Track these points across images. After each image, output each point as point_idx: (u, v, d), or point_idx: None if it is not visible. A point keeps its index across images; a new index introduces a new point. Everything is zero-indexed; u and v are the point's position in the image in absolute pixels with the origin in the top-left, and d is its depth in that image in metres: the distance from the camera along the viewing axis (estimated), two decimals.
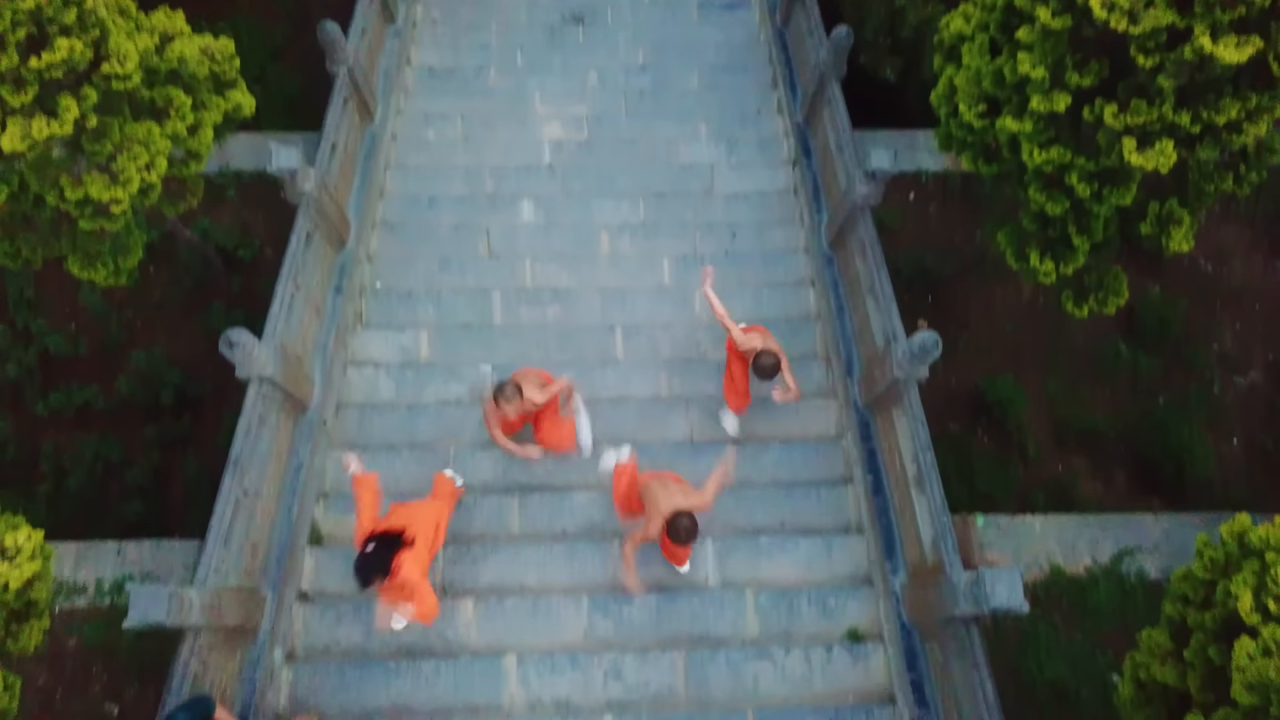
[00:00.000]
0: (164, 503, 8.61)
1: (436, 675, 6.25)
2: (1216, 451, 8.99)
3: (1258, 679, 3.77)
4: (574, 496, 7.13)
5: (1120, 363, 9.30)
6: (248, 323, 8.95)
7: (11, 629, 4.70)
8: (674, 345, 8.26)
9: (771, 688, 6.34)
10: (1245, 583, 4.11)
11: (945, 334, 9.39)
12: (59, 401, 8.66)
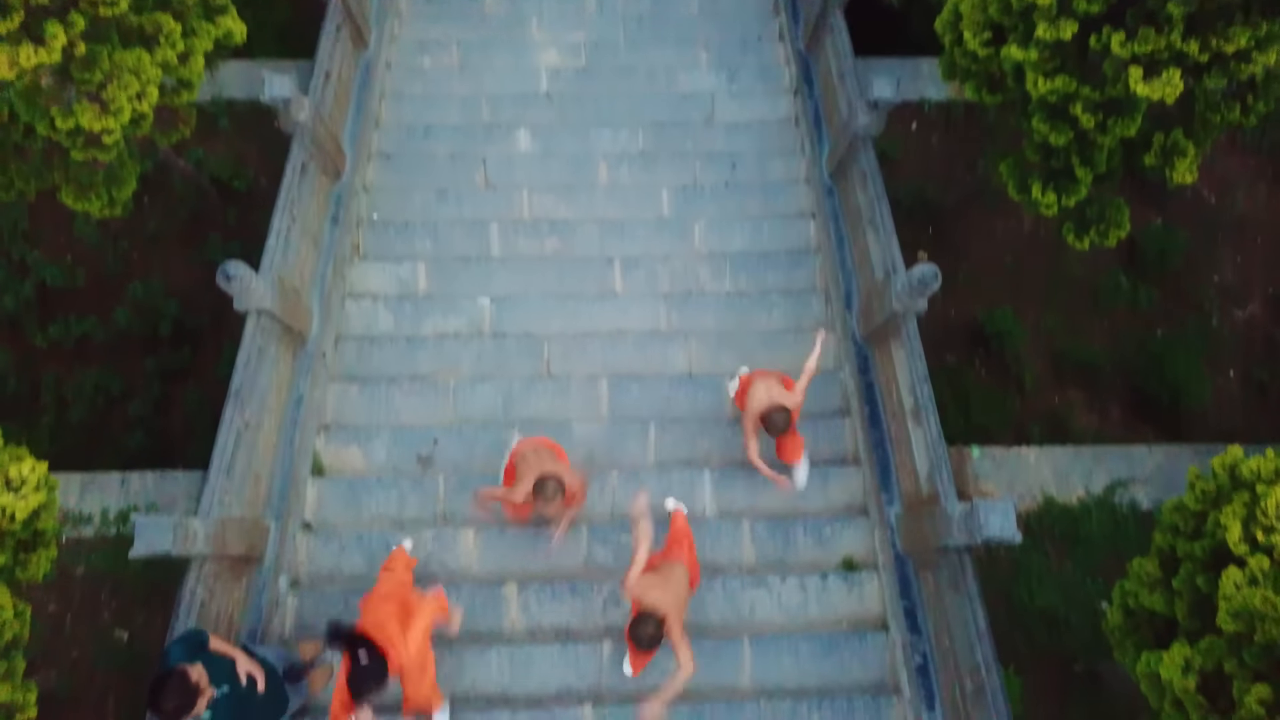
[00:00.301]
0: (165, 434, 8.66)
1: None
2: (1213, 384, 9.03)
3: (1243, 607, 3.85)
4: (573, 430, 7.17)
5: (1119, 295, 9.28)
6: (245, 254, 8.91)
7: (20, 558, 4.78)
8: (673, 278, 8.22)
9: (767, 615, 6.47)
10: (1235, 514, 4.17)
11: (945, 266, 9.35)
12: (58, 333, 8.65)
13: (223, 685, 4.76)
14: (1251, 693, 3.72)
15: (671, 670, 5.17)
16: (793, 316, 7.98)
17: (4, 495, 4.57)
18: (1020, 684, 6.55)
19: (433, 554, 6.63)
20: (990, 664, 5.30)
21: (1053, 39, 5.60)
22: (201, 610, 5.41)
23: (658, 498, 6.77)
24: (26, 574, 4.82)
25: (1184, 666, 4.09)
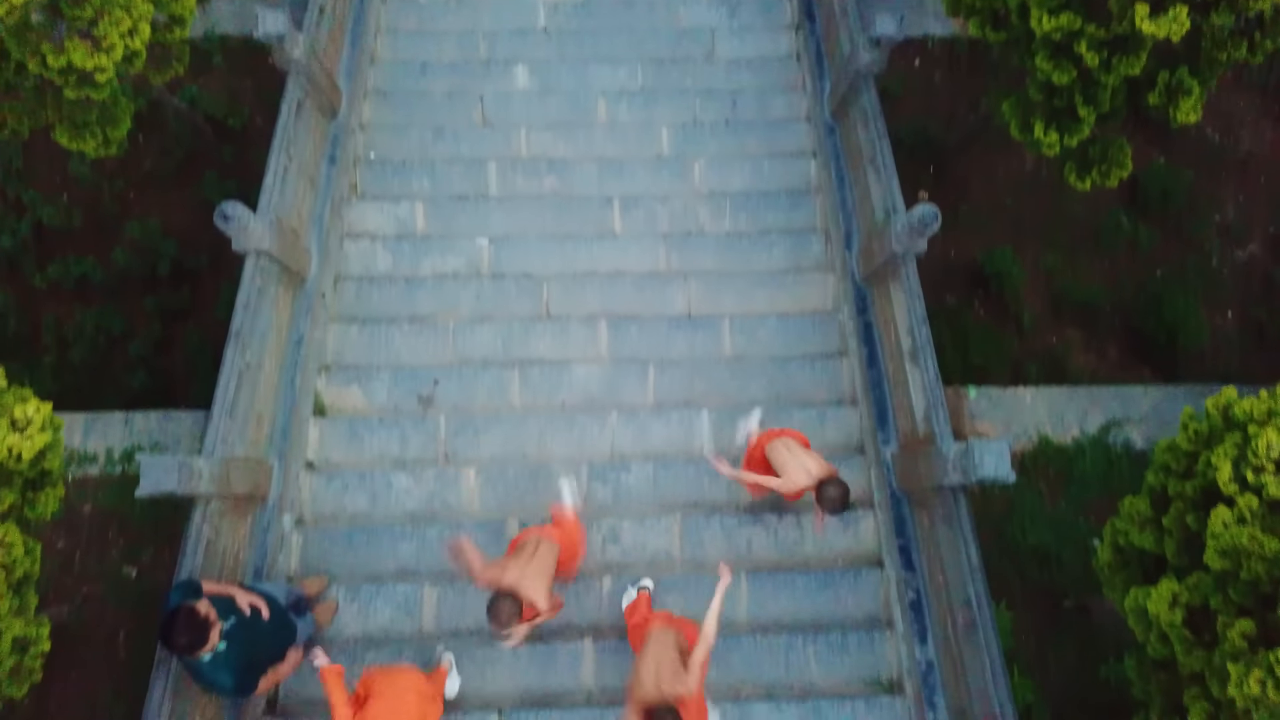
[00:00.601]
0: (167, 373, 8.70)
1: (441, 540, 6.46)
2: (1211, 324, 9.04)
3: (1230, 545, 3.92)
4: (573, 370, 7.21)
5: (1120, 235, 9.25)
6: (241, 193, 8.87)
7: (28, 497, 4.84)
8: (672, 218, 8.20)
9: (764, 551, 6.59)
10: (1226, 454, 4.22)
11: (946, 205, 9.32)
12: (56, 273, 8.64)
13: (229, 617, 4.87)
14: (1235, 627, 3.82)
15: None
16: (792, 257, 7.97)
17: (10, 435, 4.61)
18: (1011, 618, 6.68)
19: (435, 493, 6.73)
20: (982, 600, 5.41)
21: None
22: (208, 548, 5.50)
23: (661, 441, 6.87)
24: (35, 512, 4.89)
25: (1171, 601, 4.18)
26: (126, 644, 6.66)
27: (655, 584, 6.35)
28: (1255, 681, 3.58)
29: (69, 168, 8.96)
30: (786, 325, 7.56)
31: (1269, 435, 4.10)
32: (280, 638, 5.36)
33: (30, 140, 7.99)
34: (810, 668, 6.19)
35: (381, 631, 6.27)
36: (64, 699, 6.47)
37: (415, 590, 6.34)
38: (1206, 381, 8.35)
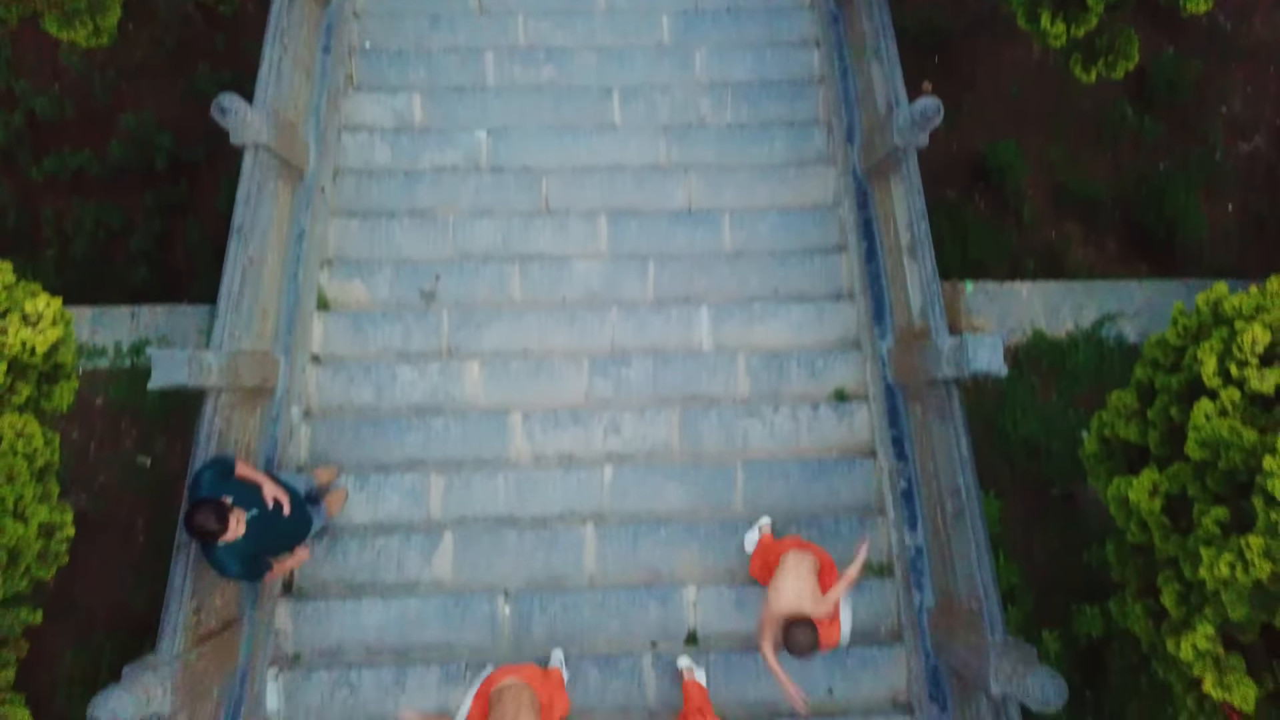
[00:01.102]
0: (169, 267, 8.73)
1: (446, 431, 6.65)
2: (1210, 218, 9.02)
3: (1210, 436, 4.06)
4: (573, 266, 7.26)
5: (1124, 127, 9.15)
6: (235, 84, 8.74)
7: (44, 390, 4.97)
8: (673, 110, 8.11)
9: (760, 443, 6.77)
10: (1212, 349, 4.33)
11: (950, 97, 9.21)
12: (53, 166, 8.58)
13: (252, 509, 5.07)
14: (1210, 514, 3.99)
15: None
16: (794, 150, 7.92)
17: (23, 330, 4.71)
18: (999, 506, 6.91)
19: (438, 386, 6.87)
20: (971, 489, 5.59)
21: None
22: (220, 440, 5.66)
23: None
24: (51, 404, 5.02)
25: (1151, 490, 4.35)
26: (145, 529, 6.90)
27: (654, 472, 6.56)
28: (1225, 564, 3.76)
29: (59, 58, 8.80)
30: (787, 220, 7.57)
31: (1254, 330, 4.20)
32: (294, 533, 5.58)
33: (18, 30, 7.82)
34: None
35: (390, 519, 6.51)
36: (88, 582, 6.75)
37: (422, 479, 6.54)
38: (1203, 276, 8.42)
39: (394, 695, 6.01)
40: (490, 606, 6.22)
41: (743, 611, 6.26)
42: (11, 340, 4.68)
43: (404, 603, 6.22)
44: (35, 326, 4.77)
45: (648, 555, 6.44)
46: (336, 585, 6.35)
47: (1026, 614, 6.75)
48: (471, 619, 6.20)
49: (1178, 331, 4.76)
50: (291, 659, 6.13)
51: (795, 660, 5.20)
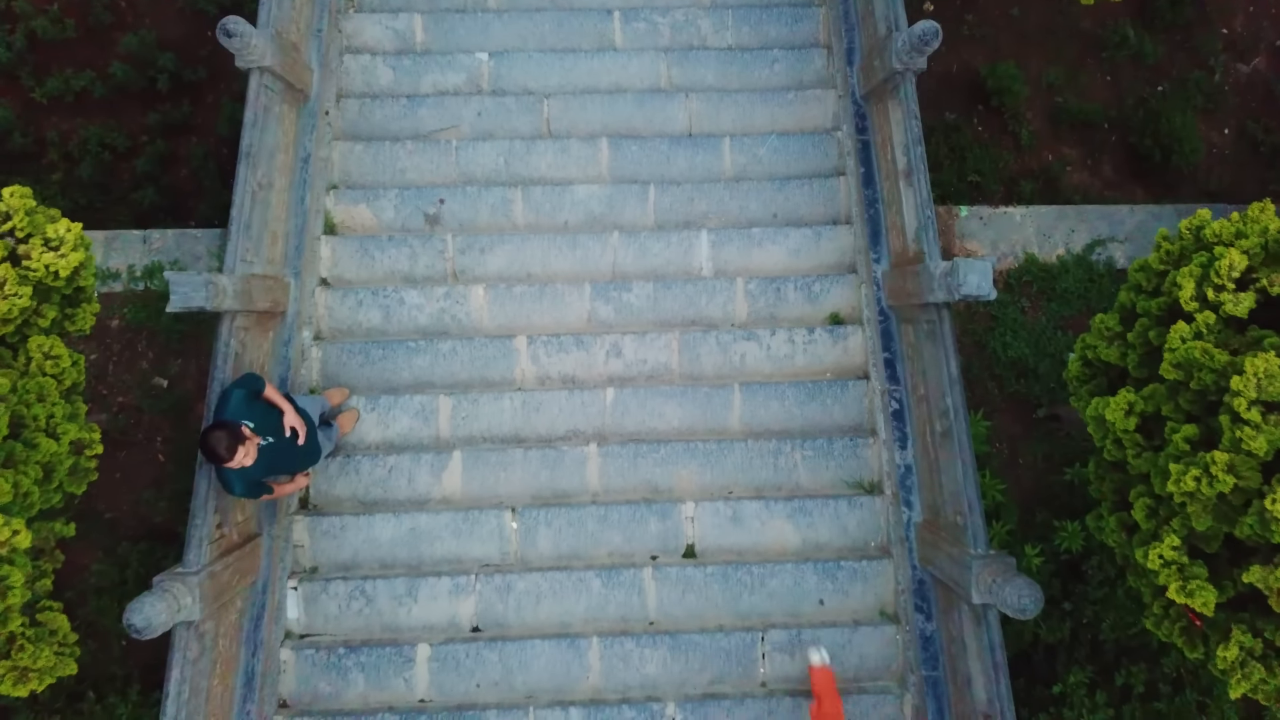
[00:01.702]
0: (174, 189, 8.79)
1: (454, 354, 6.86)
2: (1208, 141, 9.10)
3: (1184, 358, 4.26)
4: (575, 190, 7.36)
5: (1125, 48, 9.13)
6: (235, 4, 8.74)
7: (67, 312, 5.15)
8: (674, 31, 8.11)
9: (757, 365, 6.98)
10: (1191, 273, 4.50)
11: (950, 16, 9.22)
12: (56, 87, 8.58)
13: (269, 437, 5.30)
14: (1180, 432, 4.21)
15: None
16: (794, 73, 7.95)
17: (46, 254, 4.87)
18: (987, 427, 7.16)
19: (445, 309, 7.04)
20: (959, 408, 5.82)
21: None
22: (236, 361, 5.86)
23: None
24: (74, 327, 5.21)
25: (1127, 410, 4.57)
26: (164, 448, 7.16)
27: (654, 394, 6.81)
28: (1191, 479, 4.00)
29: None
30: (786, 144, 7.64)
31: (1232, 255, 4.37)
32: (303, 462, 5.82)
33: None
34: (797, 471, 6.72)
35: (401, 438, 6.76)
36: (111, 497, 7.03)
37: (430, 400, 6.77)
38: (1197, 200, 8.54)
39: (406, 605, 6.35)
40: (498, 521, 6.51)
41: (738, 527, 6.57)
42: (36, 264, 4.85)
43: (415, 518, 6.51)
44: (57, 251, 4.93)
45: (647, 473, 6.70)
46: (350, 502, 6.63)
47: (1010, 530, 7.05)
48: (480, 533, 6.50)
49: (1160, 257, 4.92)
50: (309, 571, 6.45)
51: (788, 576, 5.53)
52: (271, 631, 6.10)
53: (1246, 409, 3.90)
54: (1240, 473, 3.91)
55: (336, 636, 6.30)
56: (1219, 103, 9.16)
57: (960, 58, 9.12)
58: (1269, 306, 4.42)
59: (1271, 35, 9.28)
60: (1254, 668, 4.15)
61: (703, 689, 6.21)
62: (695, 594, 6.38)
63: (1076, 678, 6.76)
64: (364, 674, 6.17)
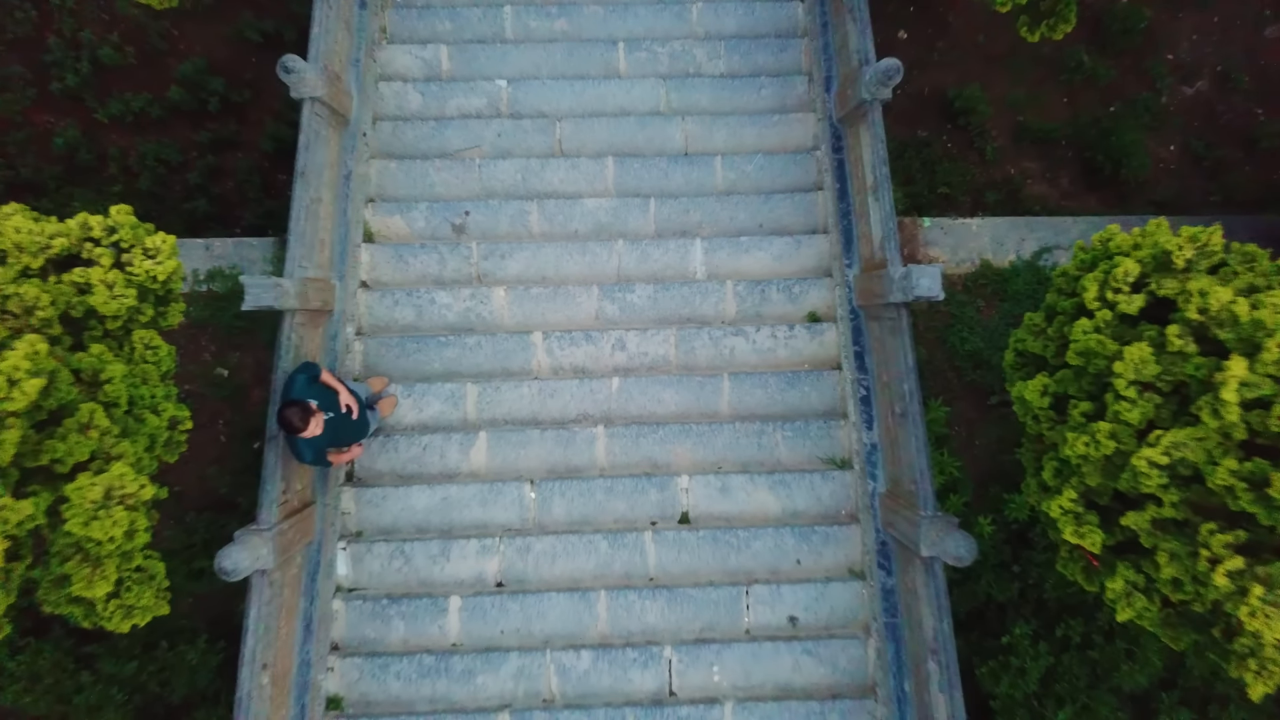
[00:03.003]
0: (222, 199, 9.79)
1: (479, 347, 7.85)
2: (1155, 156, 10.07)
3: (1085, 348, 5.24)
4: (584, 203, 8.34)
5: (1080, 71, 10.10)
6: (275, 31, 9.74)
7: (161, 311, 6.12)
8: (672, 59, 9.08)
9: (744, 357, 7.97)
10: (1095, 278, 5.48)
11: (923, 42, 10.20)
12: (117, 109, 9.57)
13: (330, 412, 6.29)
14: (1078, 407, 5.19)
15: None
16: (779, 98, 8.93)
17: (146, 262, 5.84)
18: (946, 412, 8.15)
19: (470, 308, 8.02)
20: (914, 394, 6.80)
21: None
22: (295, 353, 6.84)
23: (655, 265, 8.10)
24: (165, 322, 6.18)
25: (1042, 391, 5.55)
26: (224, 429, 8.15)
27: (654, 382, 7.77)
28: (1083, 444, 4.98)
29: (117, 7, 9.72)
30: (771, 161, 8.62)
31: (1127, 264, 5.34)
32: (357, 433, 6.80)
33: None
34: (779, 449, 7.70)
35: (433, 420, 7.75)
36: (179, 473, 8.01)
37: (459, 387, 7.76)
38: (1144, 211, 9.51)
39: (439, 563, 7.34)
40: (518, 492, 7.50)
41: (726, 497, 7.55)
42: (138, 270, 5.82)
43: (446, 489, 7.50)
44: (155, 259, 5.90)
45: (648, 450, 7.69)
46: (390, 475, 7.62)
47: (966, 502, 8.04)
48: (503, 502, 7.49)
49: (1076, 264, 5.89)
50: (355, 534, 7.44)
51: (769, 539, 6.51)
52: (325, 585, 7.10)
53: (1125, 387, 4.88)
54: (1120, 439, 4.90)
55: (380, 590, 7.30)
56: (1165, 121, 10.13)
57: (931, 80, 10.09)
58: (1158, 306, 5.39)
59: (1213, 61, 10.25)
60: (1137, 598, 5.14)
61: (695, 635, 7.21)
62: (689, 554, 7.37)
63: (1021, 630, 7.74)
64: (404, 621, 7.16)
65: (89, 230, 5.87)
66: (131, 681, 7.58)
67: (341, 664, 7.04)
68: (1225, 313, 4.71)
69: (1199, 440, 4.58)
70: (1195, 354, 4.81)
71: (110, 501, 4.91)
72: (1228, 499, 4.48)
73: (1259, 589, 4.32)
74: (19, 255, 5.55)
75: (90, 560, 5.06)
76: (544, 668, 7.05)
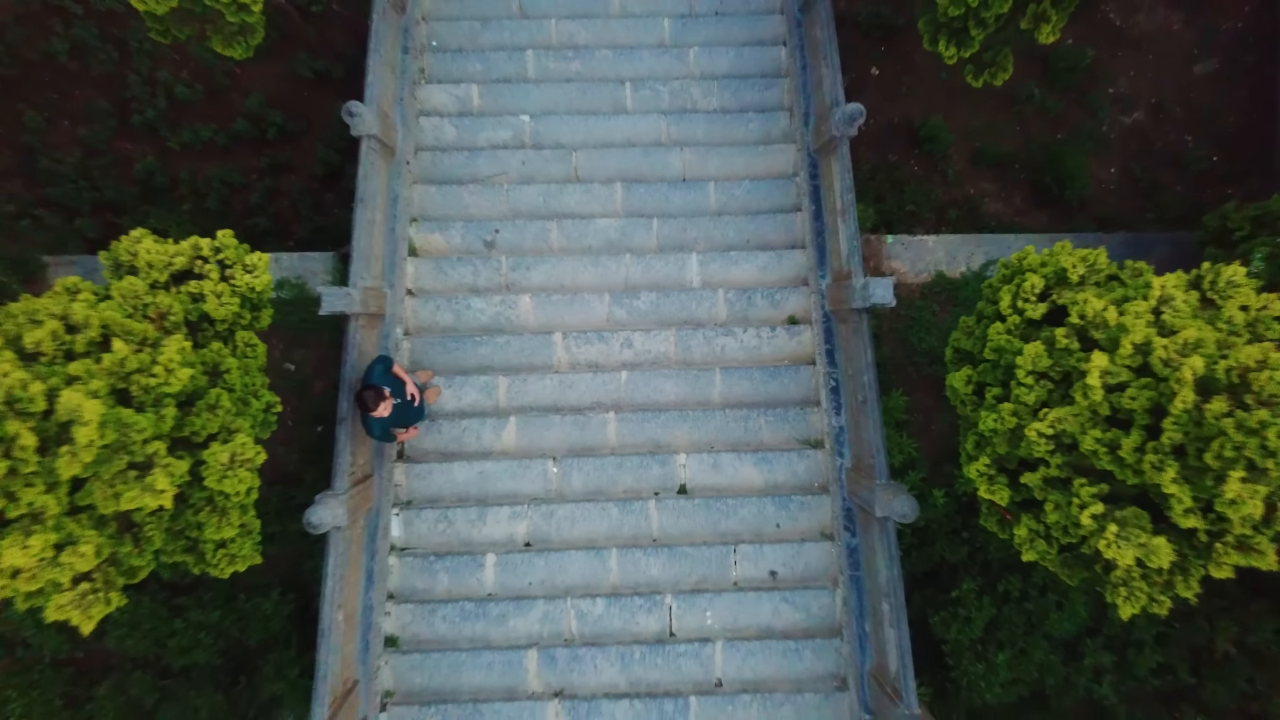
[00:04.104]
0: (279, 217, 11.21)
1: (509, 345, 9.26)
2: (1097, 179, 11.47)
3: (997, 345, 6.64)
4: (596, 222, 9.75)
5: (1031, 103, 11.51)
6: (325, 69, 11.12)
7: (255, 315, 7.53)
8: (672, 96, 10.48)
9: (733, 354, 9.37)
10: (1009, 290, 6.88)
11: (892, 79, 11.59)
12: (188, 137, 10.98)
13: (397, 398, 7.71)
14: (991, 392, 6.59)
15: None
16: (764, 130, 10.33)
17: (246, 276, 7.25)
18: (906, 400, 9.55)
19: (500, 312, 9.42)
20: (873, 384, 8.20)
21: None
22: (358, 350, 8.24)
23: (656, 273, 9.51)
24: (259, 325, 7.58)
25: (966, 380, 6.95)
26: (291, 415, 9.56)
27: (657, 375, 9.18)
28: (992, 420, 6.38)
29: (188, 49, 11.14)
30: (757, 186, 10.02)
31: (1033, 279, 6.74)
32: (415, 416, 8.21)
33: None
34: (762, 431, 9.10)
35: (470, 407, 9.16)
36: None
37: (492, 379, 9.17)
38: (1085, 229, 10.91)
39: (477, 526, 8.74)
40: (543, 467, 8.91)
41: (718, 471, 8.95)
42: (240, 282, 7.23)
43: (482, 464, 8.91)
44: (253, 273, 7.31)
45: (652, 433, 9.09)
46: (435, 453, 9.03)
47: (923, 478, 9.43)
48: (529, 475, 8.90)
49: (999, 277, 7.30)
50: (406, 503, 8.85)
51: (754, 507, 7.97)
52: (382, 544, 8.51)
53: (1024, 376, 6.28)
54: (1020, 416, 6.30)
55: (427, 548, 8.71)
56: (1106, 148, 11.54)
57: (900, 111, 11.50)
58: (1058, 312, 6.79)
59: (1149, 94, 11.66)
60: (1038, 542, 6.54)
61: (691, 586, 8.63)
62: (686, 519, 8.78)
63: (968, 586, 9.14)
64: (447, 575, 8.58)
65: (199, 250, 7.26)
66: (216, 627, 8.99)
67: (397, 609, 8.46)
68: (1099, 318, 6.12)
69: (1075, 416, 5.99)
70: (1077, 350, 6.22)
71: (235, 464, 6.32)
72: (1094, 460, 5.89)
73: (1114, 527, 5.73)
74: (149, 271, 6.96)
75: (218, 510, 6.48)
76: (565, 613, 8.46)
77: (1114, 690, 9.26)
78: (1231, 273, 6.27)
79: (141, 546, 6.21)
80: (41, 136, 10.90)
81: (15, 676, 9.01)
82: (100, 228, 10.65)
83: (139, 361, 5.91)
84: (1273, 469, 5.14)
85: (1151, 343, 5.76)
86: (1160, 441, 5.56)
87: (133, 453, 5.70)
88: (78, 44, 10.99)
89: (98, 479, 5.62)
